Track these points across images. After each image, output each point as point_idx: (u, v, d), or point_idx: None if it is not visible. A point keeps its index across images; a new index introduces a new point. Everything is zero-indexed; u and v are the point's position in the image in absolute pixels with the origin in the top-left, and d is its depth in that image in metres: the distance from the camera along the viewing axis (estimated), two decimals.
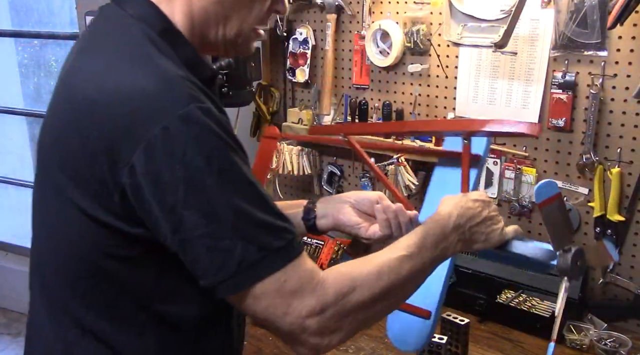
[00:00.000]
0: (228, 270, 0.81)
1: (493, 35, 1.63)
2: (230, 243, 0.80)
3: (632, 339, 1.55)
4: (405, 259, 0.94)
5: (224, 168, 0.81)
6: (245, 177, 0.83)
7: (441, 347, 1.37)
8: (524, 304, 1.72)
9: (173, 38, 0.90)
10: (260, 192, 0.85)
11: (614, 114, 1.62)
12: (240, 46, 0.97)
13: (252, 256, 0.81)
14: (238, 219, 0.81)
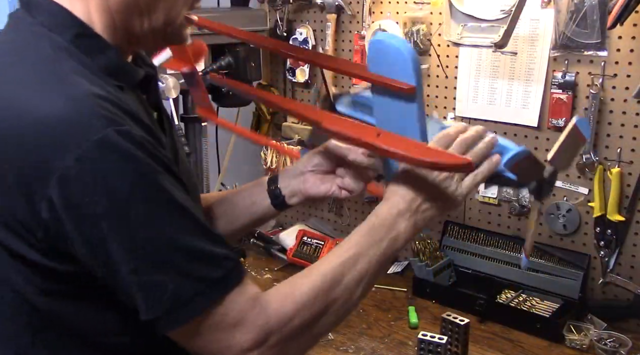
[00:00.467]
0: (163, 307, 0.76)
1: (493, 35, 1.63)
2: (162, 278, 0.75)
3: (632, 339, 1.55)
4: (349, 264, 0.89)
5: (149, 197, 0.75)
6: (175, 203, 0.77)
7: (441, 347, 1.37)
8: (524, 304, 1.72)
9: (89, 43, 0.82)
10: (194, 217, 0.79)
11: (614, 114, 1.62)
12: (171, 36, 0.91)
13: (188, 291, 0.76)
14: (169, 252, 0.76)
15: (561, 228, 1.75)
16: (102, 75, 0.81)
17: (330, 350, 1.57)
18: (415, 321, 1.68)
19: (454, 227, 1.94)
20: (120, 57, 0.86)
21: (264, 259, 2.11)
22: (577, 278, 1.71)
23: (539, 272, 1.78)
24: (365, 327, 1.68)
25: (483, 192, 1.87)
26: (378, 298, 1.85)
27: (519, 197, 1.80)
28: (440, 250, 1.92)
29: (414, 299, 1.82)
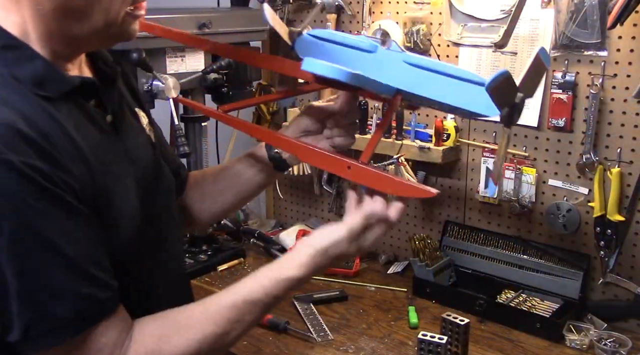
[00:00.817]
0: (16, 334, 0.79)
1: (493, 35, 1.63)
2: (18, 308, 0.78)
3: (632, 339, 1.55)
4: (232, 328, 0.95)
5: (16, 232, 0.77)
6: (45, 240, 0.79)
7: (441, 347, 1.37)
8: (524, 304, 1.72)
9: (15, 55, 0.83)
10: (67, 254, 0.81)
11: (614, 114, 1.62)
12: (116, 35, 0.91)
13: (37, 326, 0.79)
14: (25, 285, 0.78)
15: (561, 228, 1.75)
16: (30, 86, 0.82)
17: (330, 350, 1.57)
18: (415, 321, 1.68)
19: (454, 227, 1.94)
20: (49, 67, 0.86)
21: (264, 259, 2.11)
22: (577, 278, 1.71)
23: (539, 272, 1.78)
24: (365, 327, 1.68)
25: (483, 192, 1.87)
26: (378, 298, 1.85)
27: (519, 197, 1.80)
28: (440, 250, 1.92)
29: (414, 299, 1.82)
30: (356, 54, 1.04)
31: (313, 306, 1.77)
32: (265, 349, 1.57)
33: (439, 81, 0.96)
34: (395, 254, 2.12)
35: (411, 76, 0.98)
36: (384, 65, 1.01)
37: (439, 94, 0.96)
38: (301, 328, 1.65)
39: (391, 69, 1.00)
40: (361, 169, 1.00)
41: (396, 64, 1.00)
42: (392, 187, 0.99)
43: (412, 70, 0.98)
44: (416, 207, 2.05)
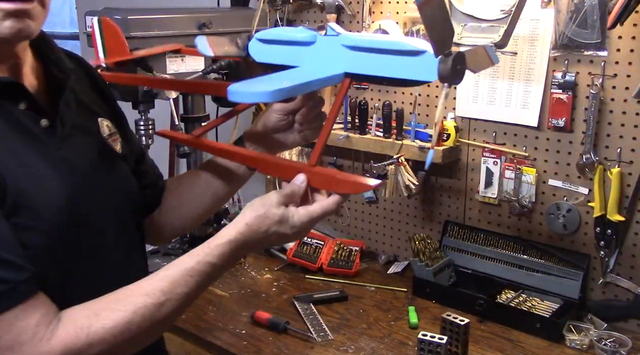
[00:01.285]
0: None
1: (493, 35, 1.63)
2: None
3: (632, 339, 1.55)
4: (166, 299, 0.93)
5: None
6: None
7: (441, 347, 1.37)
8: (524, 304, 1.72)
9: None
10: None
11: (614, 114, 1.62)
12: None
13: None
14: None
15: (561, 228, 1.75)
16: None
17: (330, 350, 1.57)
18: (415, 321, 1.68)
19: (454, 227, 1.94)
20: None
21: (264, 258, 2.11)
22: (577, 278, 1.71)
23: (539, 272, 1.78)
24: (365, 327, 1.68)
25: (483, 192, 1.87)
26: (378, 298, 1.85)
27: (519, 197, 1.80)
28: (440, 250, 1.92)
29: (414, 299, 1.82)
30: (300, 49, 1.05)
31: (313, 306, 1.77)
32: (265, 349, 1.57)
33: (378, 59, 0.97)
34: (395, 254, 2.12)
35: (353, 58, 0.99)
36: (326, 53, 1.02)
37: (381, 69, 0.97)
38: (301, 328, 1.65)
39: (333, 56, 1.01)
40: (311, 173, 1.03)
41: (337, 49, 1.01)
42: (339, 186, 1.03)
43: (352, 53, 0.99)
44: (416, 207, 2.05)
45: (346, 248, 2.06)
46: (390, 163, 1.94)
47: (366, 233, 2.18)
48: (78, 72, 1.13)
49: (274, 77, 0.98)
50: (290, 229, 1.00)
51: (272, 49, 1.09)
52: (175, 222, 1.31)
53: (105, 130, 1.12)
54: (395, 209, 2.10)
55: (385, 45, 0.96)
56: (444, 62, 0.91)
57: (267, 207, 0.99)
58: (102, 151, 1.09)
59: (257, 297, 1.84)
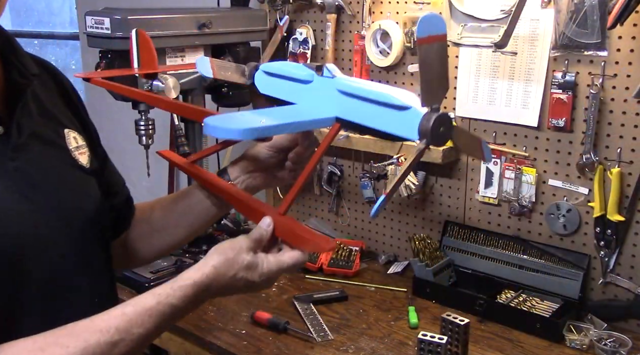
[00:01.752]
0: None
1: (493, 35, 1.63)
2: None
3: (632, 339, 1.55)
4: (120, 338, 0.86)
5: None
6: None
7: (441, 347, 1.37)
8: (524, 304, 1.72)
9: None
10: None
11: (614, 114, 1.62)
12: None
13: None
14: None
15: (561, 228, 1.75)
16: None
17: (330, 350, 1.57)
18: (415, 321, 1.68)
19: (454, 227, 1.94)
20: None
21: None
22: (577, 278, 1.71)
23: (539, 272, 1.78)
24: (365, 327, 1.68)
25: (483, 192, 1.87)
26: (378, 298, 1.85)
27: (519, 197, 1.80)
28: (440, 250, 1.92)
29: (414, 299, 1.82)
30: (298, 87, 1.03)
31: (313, 306, 1.77)
32: (265, 349, 1.57)
33: (367, 108, 0.94)
34: (395, 254, 2.12)
35: (345, 103, 0.97)
36: (320, 94, 1.00)
37: (368, 119, 0.94)
38: (301, 328, 1.65)
39: (327, 98, 0.98)
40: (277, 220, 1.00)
41: (331, 92, 0.98)
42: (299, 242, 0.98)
43: (343, 98, 0.97)
44: (416, 207, 2.05)
45: (346, 248, 2.06)
46: (390, 163, 1.95)
47: (366, 233, 2.18)
48: (45, 79, 1.07)
49: (257, 113, 0.96)
50: (258, 277, 0.96)
51: (274, 82, 1.08)
52: (144, 249, 1.24)
53: (71, 142, 1.04)
54: (395, 209, 2.10)
55: (374, 95, 0.92)
56: (427, 119, 0.87)
57: (237, 251, 0.94)
58: (65, 164, 1.02)
59: (257, 297, 1.84)
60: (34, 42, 3.90)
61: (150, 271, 1.89)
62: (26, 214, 0.91)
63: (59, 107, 1.07)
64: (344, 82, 0.97)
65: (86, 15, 1.74)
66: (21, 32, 3.80)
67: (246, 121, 0.89)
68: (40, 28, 3.72)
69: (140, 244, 1.23)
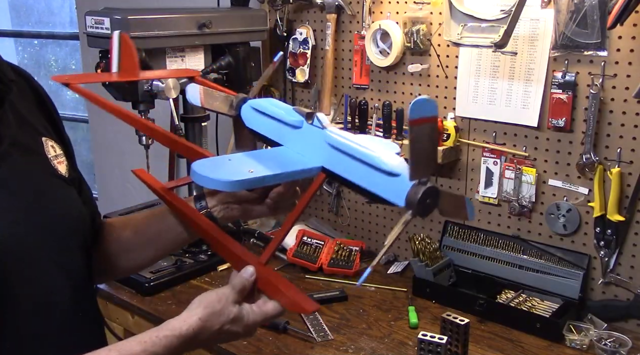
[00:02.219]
0: None
1: (493, 35, 1.63)
2: None
3: (632, 339, 1.55)
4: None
5: None
6: None
7: (441, 347, 1.37)
8: (524, 304, 1.72)
9: None
10: None
11: (614, 114, 1.62)
12: None
13: None
14: None
15: (561, 228, 1.75)
16: None
17: (330, 350, 1.57)
18: (415, 321, 1.68)
19: (454, 227, 1.94)
20: None
21: None
22: (577, 278, 1.71)
23: (539, 272, 1.78)
24: (365, 327, 1.68)
25: (483, 192, 1.87)
26: (378, 298, 1.85)
27: (519, 197, 1.80)
28: (440, 250, 1.92)
29: (414, 299, 1.82)
30: (286, 130, 1.01)
31: None
32: (265, 349, 1.57)
33: (355, 166, 0.92)
34: (395, 254, 2.12)
35: (332, 156, 0.95)
36: (308, 142, 0.98)
37: (355, 177, 0.93)
38: (301, 328, 1.65)
39: (315, 147, 0.97)
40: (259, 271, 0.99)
41: (319, 142, 0.96)
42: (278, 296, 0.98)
43: (332, 151, 0.95)
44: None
45: (346, 248, 2.06)
46: None
47: (366, 233, 2.18)
48: (23, 87, 1.04)
49: (244, 158, 0.94)
50: (242, 328, 0.95)
51: (261, 119, 1.06)
52: (111, 267, 1.20)
53: (50, 151, 1.02)
54: (395, 209, 2.09)
55: (363, 156, 0.91)
56: (414, 191, 0.88)
57: (223, 304, 0.94)
58: (46, 173, 0.99)
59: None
60: (34, 42, 3.91)
61: (150, 271, 1.89)
62: (7, 225, 0.89)
63: (36, 115, 1.04)
64: (333, 137, 0.96)
65: (86, 15, 1.74)
66: (21, 32, 3.80)
67: (234, 171, 0.88)
68: (40, 28, 3.72)
69: (110, 261, 1.19)
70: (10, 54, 3.83)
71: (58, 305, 0.96)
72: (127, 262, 1.19)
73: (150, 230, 1.17)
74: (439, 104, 1.91)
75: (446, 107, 1.90)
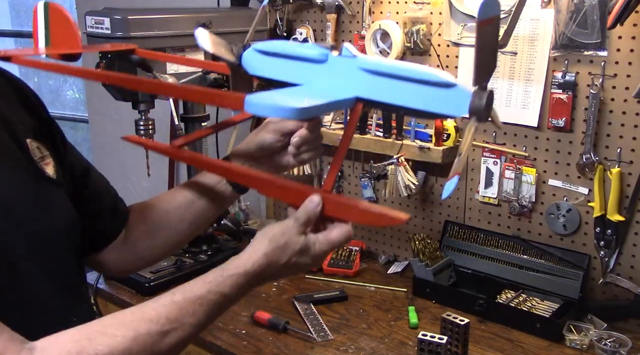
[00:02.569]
0: None
1: None
2: None
3: (632, 339, 1.55)
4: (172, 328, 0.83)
5: None
6: None
7: (441, 347, 1.37)
8: (524, 304, 1.72)
9: None
10: None
11: (614, 114, 1.62)
12: None
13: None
14: None
15: (561, 228, 1.75)
16: None
17: (330, 350, 1.57)
18: (415, 321, 1.68)
19: (454, 227, 1.94)
20: None
21: None
22: (577, 278, 1.71)
23: (539, 272, 1.78)
24: (365, 327, 1.68)
25: (483, 192, 1.87)
26: (378, 298, 1.85)
27: (519, 197, 1.80)
28: (440, 250, 1.92)
29: (414, 299, 1.82)
30: (306, 67, 0.96)
31: (313, 306, 1.77)
32: (265, 349, 1.57)
33: (400, 86, 0.89)
34: (395, 254, 2.12)
35: (370, 83, 0.91)
36: (337, 74, 0.94)
37: (402, 98, 0.89)
38: (301, 328, 1.65)
39: (346, 78, 0.93)
40: (326, 199, 0.93)
41: (351, 71, 0.92)
42: (360, 216, 0.94)
43: (370, 77, 0.91)
44: (416, 207, 2.05)
45: (346, 248, 2.06)
46: (390, 163, 1.95)
47: (366, 233, 2.18)
48: (4, 87, 1.02)
49: (291, 93, 0.90)
50: (311, 259, 0.92)
51: (271, 62, 1.00)
52: (144, 252, 1.18)
53: (35, 153, 0.99)
54: (396, 209, 2.09)
55: (410, 73, 0.88)
56: (479, 97, 0.85)
57: (288, 236, 0.90)
58: (30, 176, 0.96)
59: (257, 297, 1.84)
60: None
61: (150, 271, 1.89)
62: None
63: (19, 116, 1.01)
64: (371, 60, 0.92)
65: (86, 15, 1.74)
66: (21, 32, 3.80)
67: (290, 101, 0.84)
68: None
69: (139, 247, 1.17)
70: None
71: (49, 311, 0.94)
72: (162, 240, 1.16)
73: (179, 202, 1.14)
74: None
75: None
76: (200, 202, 1.14)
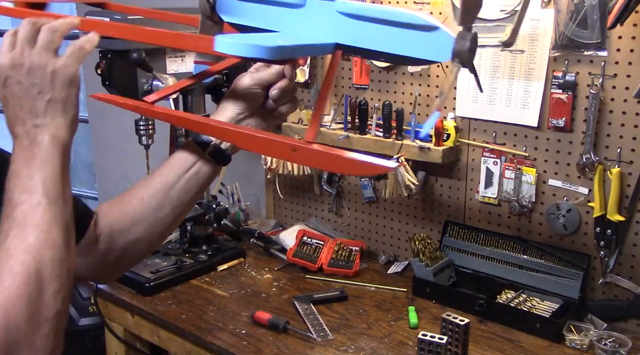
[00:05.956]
0: None
1: (499, 34, 1.63)
2: None
3: (632, 339, 1.55)
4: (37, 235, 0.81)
5: None
6: None
7: (441, 347, 1.37)
8: (524, 304, 1.72)
9: None
10: None
11: (614, 114, 1.62)
12: None
13: None
14: None
15: (561, 228, 1.75)
16: None
17: (330, 350, 1.57)
18: (415, 321, 1.68)
19: (454, 227, 1.94)
20: None
21: (264, 259, 2.11)
22: (577, 278, 1.71)
23: (539, 272, 1.78)
24: (365, 327, 1.68)
25: (483, 192, 1.87)
26: (378, 298, 1.85)
27: (519, 197, 1.80)
28: (440, 250, 1.92)
29: (414, 299, 1.82)
30: (283, 12, 0.92)
31: (313, 306, 1.77)
32: (265, 349, 1.57)
33: (380, 31, 0.84)
34: (395, 254, 2.12)
35: (349, 28, 0.86)
36: (316, 19, 0.89)
37: (383, 44, 0.85)
38: (301, 328, 1.65)
39: (325, 23, 0.88)
40: (308, 150, 0.88)
41: (330, 16, 0.87)
42: (346, 166, 0.89)
43: (349, 21, 0.86)
44: (416, 207, 2.05)
45: (346, 248, 2.06)
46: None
47: (366, 233, 2.18)
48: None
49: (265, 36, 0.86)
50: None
51: (247, 7, 0.95)
52: (125, 251, 1.10)
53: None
54: (395, 209, 2.10)
55: (390, 16, 0.83)
56: (462, 38, 0.80)
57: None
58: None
59: (257, 297, 1.84)
60: None
61: (150, 271, 1.89)
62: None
63: None
64: (350, 3, 0.87)
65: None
66: None
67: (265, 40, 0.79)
68: None
69: (120, 242, 1.09)
70: None
71: None
72: (143, 233, 1.08)
73: (156, 185, 1.07)
74: None
75: (446, 107, 1.89)
76: (180, 184, 1.06)
